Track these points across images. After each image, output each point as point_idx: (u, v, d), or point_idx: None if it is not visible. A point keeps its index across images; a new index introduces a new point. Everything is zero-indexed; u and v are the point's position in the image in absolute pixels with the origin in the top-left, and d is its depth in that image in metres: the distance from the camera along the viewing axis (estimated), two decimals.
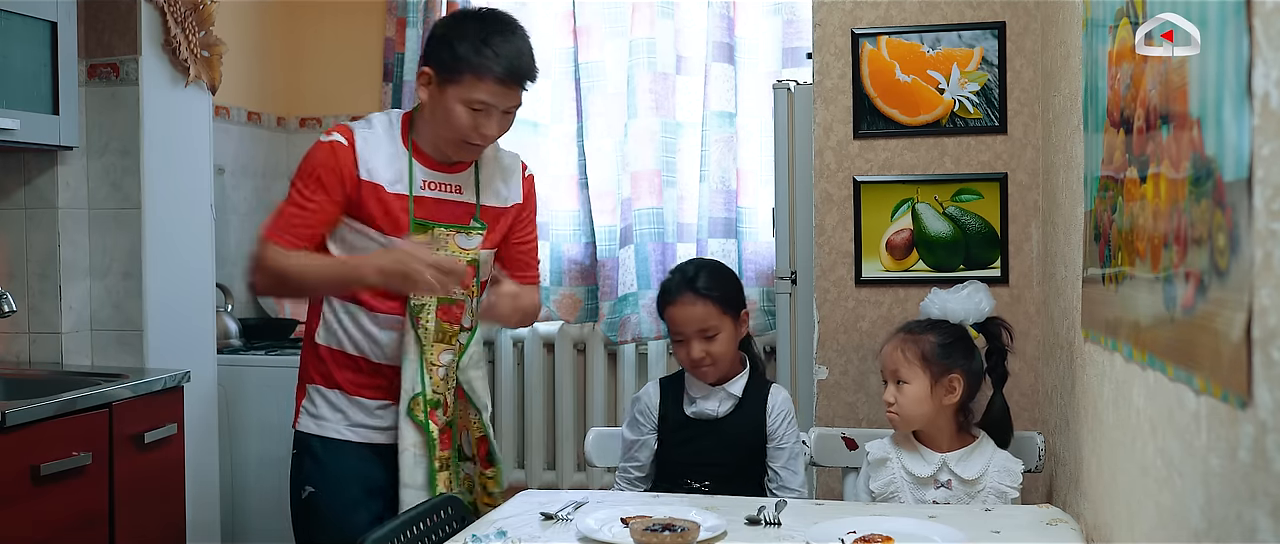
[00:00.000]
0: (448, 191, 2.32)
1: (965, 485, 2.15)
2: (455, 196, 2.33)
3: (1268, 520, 0.95)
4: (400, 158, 2.28)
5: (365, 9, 4.30)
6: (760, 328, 3.82)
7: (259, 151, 4.21)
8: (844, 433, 2.49)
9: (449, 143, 2.26)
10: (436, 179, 2.31)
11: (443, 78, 2.21)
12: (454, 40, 2.19)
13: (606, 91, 4.01)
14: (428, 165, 2.30)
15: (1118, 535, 1.71)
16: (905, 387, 2.17)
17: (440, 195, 2.31)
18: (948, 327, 2.22)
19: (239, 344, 3.67)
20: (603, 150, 4.03)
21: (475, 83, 2.17)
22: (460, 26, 2.22)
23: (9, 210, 2.96)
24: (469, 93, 2.18)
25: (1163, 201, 1.32)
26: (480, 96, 2.18)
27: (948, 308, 2.25)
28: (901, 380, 2.18)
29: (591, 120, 4.02)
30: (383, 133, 2.30)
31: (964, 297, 2.26)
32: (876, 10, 2.78)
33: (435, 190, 2.31)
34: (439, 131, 2.25)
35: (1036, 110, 2.72)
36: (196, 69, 3.16)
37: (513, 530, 1.84)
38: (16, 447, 2.30)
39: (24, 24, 2.68)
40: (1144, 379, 1.47)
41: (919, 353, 2.17)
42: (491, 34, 2.19)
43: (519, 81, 2.21)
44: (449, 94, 2.20)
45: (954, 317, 2.24)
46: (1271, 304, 0.95)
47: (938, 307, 2.27)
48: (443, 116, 2.22)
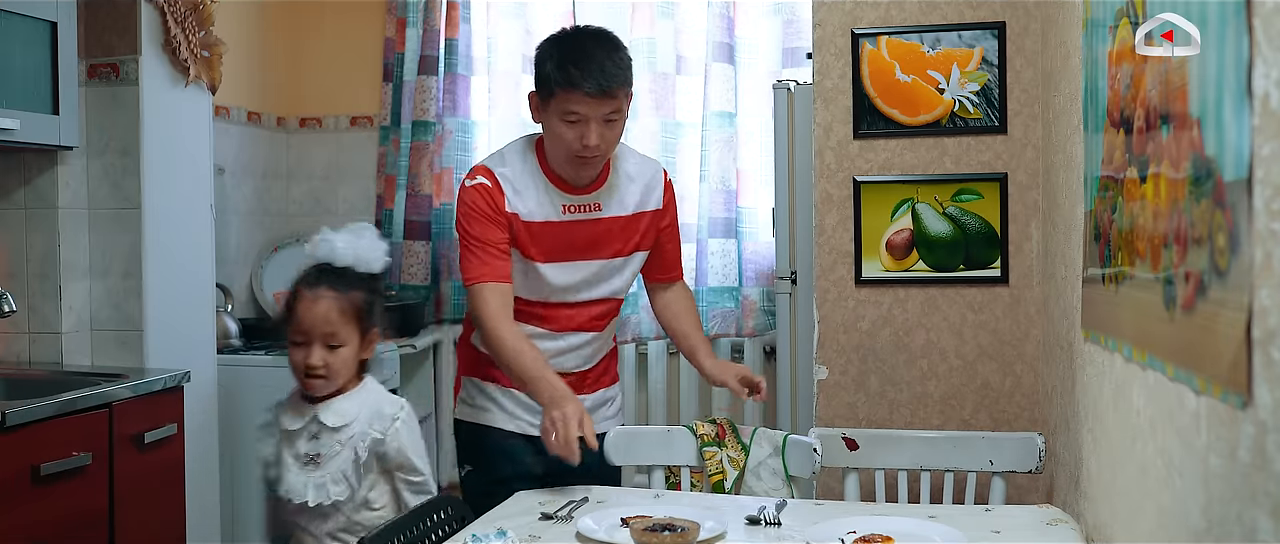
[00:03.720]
0: (587, 212, 2.40)
1: (331, 433, 2.10)
2: (595, 214, 2.40)
3: (1268, 520, 0.95)
4: (539, 186, 2.37)
5: (365, 9, 4.30)
6: (760, 328, 3.82)
7: (259, 151, 4.21)
8: (844, 433, 2.49)
9: (563, 161, 2.34)
10: (575, 202, 2.38)
11: (541, 99, 2.32)
12: (543, 61, 2.30)
13: None
14: (564, 189, 2.38)
15: (1118, 535, 1.71)
16: (339, 350, 2.09)
17: (581, 216, 2.39)
18: (365, 277, 2.15)
19: (239, 344, 3.67)
20: None
21: (565, 96, 2.25)
22: (548, 47, 2.33)
23: (9, 210, 2.96)
24: (562, 106, 2.26)
25: (1163, 201, 1.32)
26: (573, 108, 2.25)
27: (361, 253, 2.16)
28: (335, 344, 2.08)
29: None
30: (519, 164, 2.38)
31: (370, 240, 2.18)
32: (876, 10, 2.78)
33: (575, 213, 2.38)
34: (553, 151, 2.35)
35: (1036, 110, 2.72)
36: (196, 69, 3.16)
37: (513, 530, 1.84)
38: (16, 447, 2.30)
39: (24, 24, 2.68)
40: (1144, 379, 1.47)
41: (353, 310, 2.10)
42: (573, 47, 2.29)
43: (605, 88, 2.25)
44: (550, 112, 2.29)
45: (367, 264, 2.17)
46: (1271, 304, 0.95)
47: (349, 252, 2.16)
48: (551, 136, 2.32)
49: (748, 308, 3.83)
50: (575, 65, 2.25)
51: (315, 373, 2.08)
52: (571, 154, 2.30)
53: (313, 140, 4.41)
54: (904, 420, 2.80)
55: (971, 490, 2.40)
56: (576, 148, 2.28)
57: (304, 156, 4.41)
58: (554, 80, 2.26)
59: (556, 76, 2.26)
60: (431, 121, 4.11)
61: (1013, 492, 2.58)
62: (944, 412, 2.79)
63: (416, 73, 4.12)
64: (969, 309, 2.78)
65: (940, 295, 2.79)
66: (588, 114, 2.26)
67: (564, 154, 2.32)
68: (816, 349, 2.85)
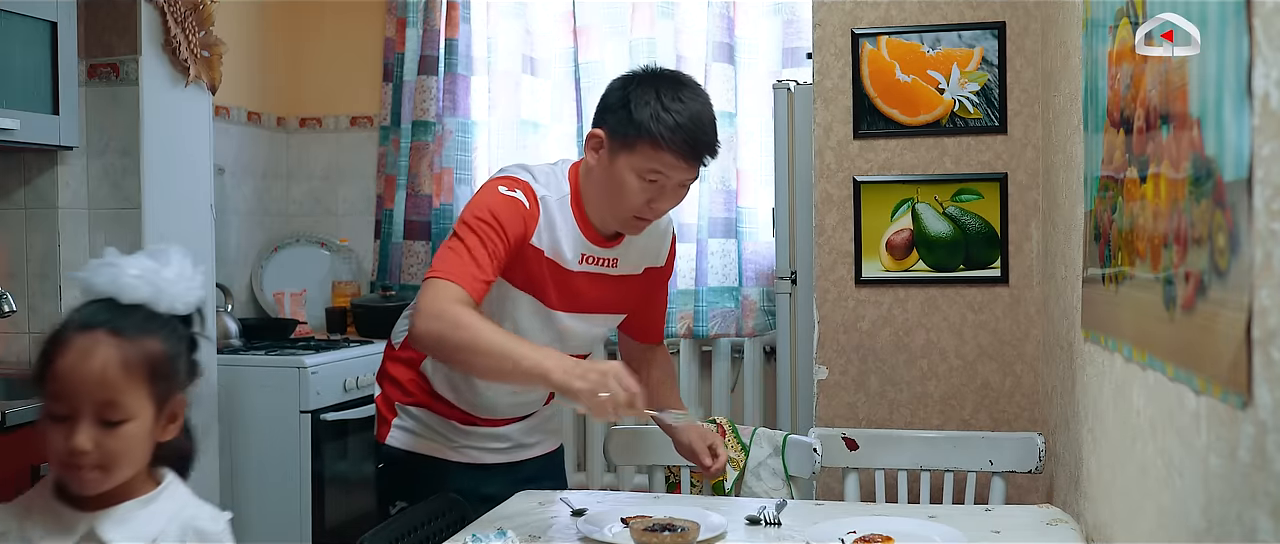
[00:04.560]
0: (604, 265, 2.12)
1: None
2: (610, 270, 2.13)
3: (1268, 520, 0.95)
4: (567, 228, 2.06)
5: (365, 9, 4.30)
6: (760, 328, 3.82)
7: (259, 151, 4.21)
8: (844, 433, 2.49)
9: (612, 214, 2.05)
10: (594, 254, 2.09)
11: (617, 143, 2.00)
12: (632, 103, 1.98)
13: None
14: (590, 238, 2.08)
15: (1118, 535, 1.71)
16: (122, 427, 1.30)
17: (595, 270, 2.11)
18: (165, 319, 1.39)
19: (239, 344, 3.67)
20: None
21: (653, 152, 1.96)
22: (640, 88, 2.00)
23: (9, 210, 2.96)
24: (645, 162, 1.97)
25: (1163, 201, 1.32)
26: (657, 167, 1.96)
27: (163, 286, 1.39)
28: (116, 417, 1.30)
29: (591, 120, 4.02)
30: (554, 194, 2.06)
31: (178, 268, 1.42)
32: (876, 10, 2.78)
33: (591, 265, 2.10)
34: (606, 202, 2.04)
35: (1036, 110, 2.72)
36: (196, 69, 3.16)
37: (513, 531, 1.84)
38: (16, 447, 2.30)
39: (24, 24, 2.68)
40: (1144, 379, 1.47)
41: (145, 366, 1.33)
42: (673, 99, 1.98)
43: (701, 154, 1.99)
44: (621, 162, 1.99)
45: (171, 301, 1.39)
46: (1271, 304, 0.94)
47: (143, 285, 1.38)
48: (612, 187, 2.01)
49: (748, 308, 3.83)
50: (677, 119, 1.95)
51: (83, 461, 1.29)
52: (631, 214, 2.02)
53: (313, 140, 4.41)
54: (904, 420, 2.80)
55: (971, 490, 2.40)
56: (640, 210, 2.01)
57: (304, 156, 4.41)
58: (649, 132, 1.95)
59: (654, 129, 1.95)
60: (431, 121, 4.11)
61: (1013, 492, 2.58)
62: (944, 412, 2.79)
63: (416, 73, 4.12)
64: (969, 309, 2.78)
65: (940, 295, 2.79)
66: (672, 179, 1.99)
67: (621, 210, 2.02)
68: (816, 349, 2.85)
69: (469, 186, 4.12)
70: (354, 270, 4.32)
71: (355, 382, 3.60)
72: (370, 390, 3.70)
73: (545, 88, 4.09)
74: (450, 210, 4.11)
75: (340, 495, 3.58)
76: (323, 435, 3.48)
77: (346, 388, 3.57)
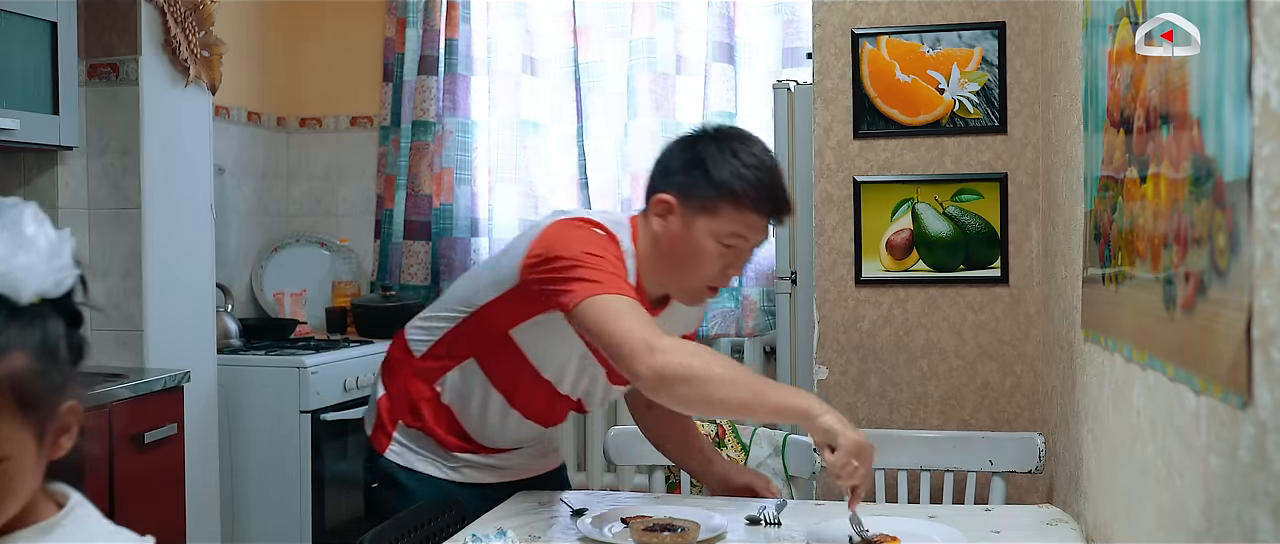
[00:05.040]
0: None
1: None
2: None
3: (1268, 520, 0.95)
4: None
5: (365, 9, 4.30)
6: (760, 328, 3.82)
7: (259, 151, 4.21)
8: None
9: (684, 287, 1.94)
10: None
11: (693, 208, 1.87)
12: (709, 164, 1.86)
13: (606, 91, 4.02)
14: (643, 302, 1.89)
15: (1118, 535, 1.71)
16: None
17: None
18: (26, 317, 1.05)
19: (239, 344, 3.67)
20: (603, 150, 4.04)
21: (736, 213, 1.85)
22: (712, 148, 1.89)
23: None
24: (727, 225, 1.86)
25: (1163, 201, 1.32)
26: (739, 229, 1.86)
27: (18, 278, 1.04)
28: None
29: (591, 120, 4.02)
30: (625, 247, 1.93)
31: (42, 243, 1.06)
32: (876, 10, 2.78)
33: None
34: (675, 271, 1.90)
35: (1036, 110, 2.72)
36: (196, 69, 3.16)
37: (513, 531, 1.84)
38: None
39: (24, 24, 2.68)
40: (1144, 379, 1.47)
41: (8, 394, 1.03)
42: (748, 155, 1.87)
43: (782, 213, 1.89)
44: (699, 227, 1.87)
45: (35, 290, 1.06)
46: (1271, 304, 0.94)
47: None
48: (686, 254, 1.88)
49: (747, 308, 3.82)
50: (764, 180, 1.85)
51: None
52: (704, 283, 1.90)
53: (313, 140, 4.41)
54: (904, 420, 2.80)
55: (971, 490, 2.40)
56: (715, 278, 1.90)
57: (304, 156, 4.41)
58: (731, 191, 1.84)
59: (737, 187, 1.84)
60: (431, 121, 4.11)
61: (1013, 492, 2.58)
62: (944, 412, 2.79)
63: (416, 73, 4.12)
64: (969, 309, 2.78)
65: (940, 295, 2.79)
66: (751, 241, 1.89)
67: (693, 280, 1.90)
68: (816, 349, 2.85)
69: (469, 186, 4.13)
70: (354, 270, 4.32)
71: (355, 382, 3.60)
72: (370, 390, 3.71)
73: (545, 88, 4.09)
74: (450, 210, 4.12)
75: (340, 495, 3.59)
76: (323, 435, 3.48)
77: (346, 388, 3.57)
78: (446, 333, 2.02)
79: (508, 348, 1.97)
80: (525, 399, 2.03)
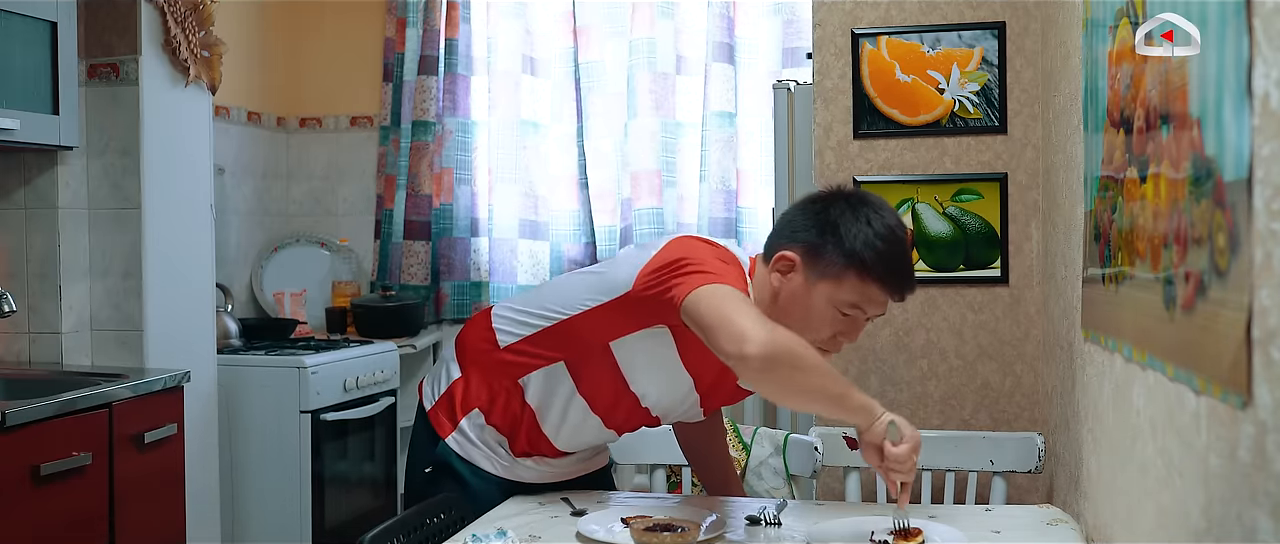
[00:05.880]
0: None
1: None
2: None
3: (1268, 520, 0.95)
4: None
5: (365, 9, 4.30)
6: None
7: (259, 151, 4.21)
8: (845, 433, 2.48)
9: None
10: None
11: (817, 271, 1.85)
12: (842, 229, 1.83)
13: (606, 91, 4.02)
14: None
15: (1118, 535, 1.71)
16: None
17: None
18: None
19: (239, 344, 3.67)
20: (603, 150, 4.04)
21: (860, 285, 1.82)
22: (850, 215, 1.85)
23: (9, 210, 2.96)
24: (849, 295, 1.83)
25: (1163, 201, 1.32)
26: (859, 301, 1.84)
27: None
28: None
29: (591, 120, 4.03)
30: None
31: None
32: (876, 10, 2.78)
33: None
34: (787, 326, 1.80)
35: (1036, 110, 2.72)
36: (196, 69, 3.16)
37: (513, 530, 1.84)
38: (16, 447, 2.30)
39: (24, 24, 2.68)
40: (1144, 379, 1.47)
41: None
42: (882, 229, 1.84)
43: (906, 292, 1.88)
44: (820, 291, 1.85)
45: None
46: (1271, 304, 0.94)
47: None
48: (800, 314, 1.86)
49: None
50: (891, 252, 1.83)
51: None
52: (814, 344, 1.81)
53: (313, 140, 4.41)
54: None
55: (971, 490, 2.40)
56: (824, 343, 1.87)
57: (304, 156, 4.41)
58: (860, 262, 1.81)
59: (869, 260, 1.81)
60: (431, 121, 4.11)
61: (1013, 492, 2.58)
62: (944, 412, 2.79)
63: (416, 73, 4.12)
64: (969, 309, 2.78)
65: (940, 295, 2.79)
66: (869, 313, 1.86)
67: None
68: None
69: (469, 186, 4.13)
70: (354, 270, 4.32)
71: (355, 382, 3.60)
72: (371, 390, 3.73)
73: (545, 88, 4.09)
74: (450, 210, 4.12)
75: (340, 495, 3.59)
76: (323, 435, 3.48)
77: (346, 388, 3.57)
78: (539, 331, 2.01)
79: (604, 357, 1.97)
80: (607, 407, 2.03)
